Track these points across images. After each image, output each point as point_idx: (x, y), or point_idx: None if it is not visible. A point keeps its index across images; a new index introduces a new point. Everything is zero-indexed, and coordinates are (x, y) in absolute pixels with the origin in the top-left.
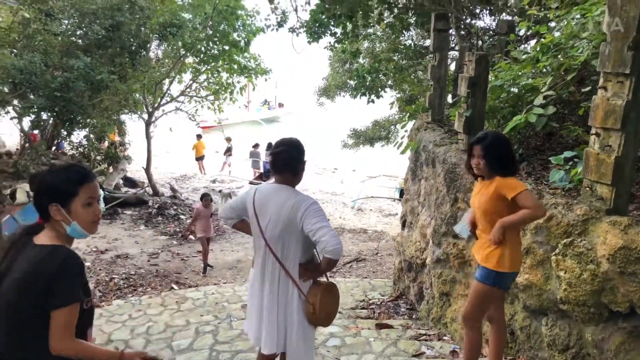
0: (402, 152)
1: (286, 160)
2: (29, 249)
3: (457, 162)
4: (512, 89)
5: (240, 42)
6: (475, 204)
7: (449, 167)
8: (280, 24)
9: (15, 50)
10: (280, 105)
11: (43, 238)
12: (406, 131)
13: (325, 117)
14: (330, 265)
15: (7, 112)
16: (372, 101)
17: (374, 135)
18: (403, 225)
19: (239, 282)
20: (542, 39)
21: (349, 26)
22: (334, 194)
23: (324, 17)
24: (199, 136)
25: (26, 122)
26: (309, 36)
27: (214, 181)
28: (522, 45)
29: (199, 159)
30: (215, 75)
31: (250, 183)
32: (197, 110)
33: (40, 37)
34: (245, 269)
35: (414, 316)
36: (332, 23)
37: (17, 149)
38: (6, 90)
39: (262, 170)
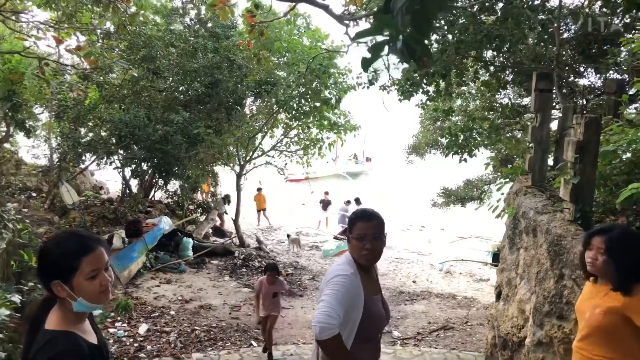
0: (498, 216)
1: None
2: (40, 334)
3: (562, 233)
4: (626, 155)
5: (331, 99)
6: (586, 312)
7: (553, 238)
8: (371, 82)
9: (123, 106)
10: (368, 159)
11: (52, 319)
12: (502, 194)
13: (414, 174)
14: (320, 346)
15: (113, 162)
16: (465, 160)
17: (465, 194)
18: (498, 296)
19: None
20: None
21: (442, 84)
22: (421, 253)
23: (416, 75)
24: (259, 189)
25: (127, 171)
26: (400, 94)
27: (298, 234)
28: (634, 106)
29: (261, 211)
30: (305, 131)
31: (335, 238)
32: (286, 164)
33: (146, 93)
34: None
35: None
36: (425, 81)
37: (117, 196)
38: (113, 141)
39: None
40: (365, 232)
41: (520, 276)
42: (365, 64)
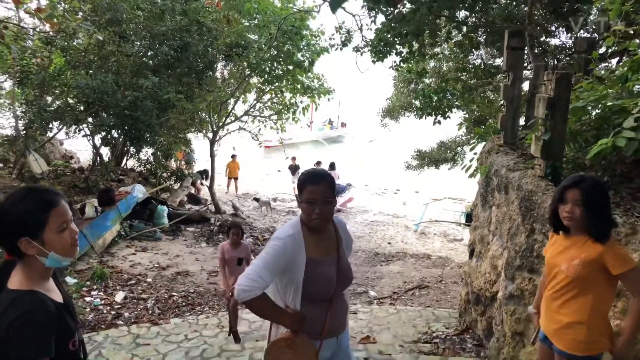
0: (471, 176)
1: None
2: (2, 294)
3: (533, 189)
4: (596, 111)
5: (304, 62)
6: (560, 265)
7: (524, 194)
8: (344, 44)
9: (90, 71)
10: (343, 125)
11: (14, 279)
12: (475, 154)
13: (388, 137)
14: (247, 307)
15: (81, 130)
16: (439, 122)
17: (439, 156)
18: (471, 254)
19: None
20: (631, 57)
21: (415, 45)
22: (396, 216)
23: (389, 36)
24: (233, 156)
25: (97, 139)
26: (373, 55)
27: (274, 199)
28: (604, 64)
29: (233, 179)
30: (278, 95)
31: None
32: (260, 129)
33: (113, 58)
34: None
35: (482, 354)
36: (398, 42)
37: (88, 165)
38: (81, 108)
39: None
40: (314, 196)
41: (492, 233)
42: (334, 4)
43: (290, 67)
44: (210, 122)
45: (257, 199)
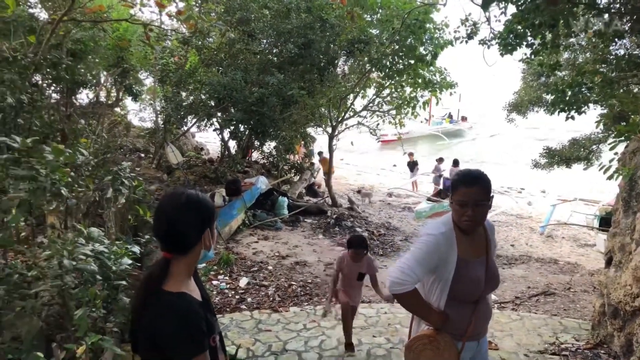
0: (611, 178)
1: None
2: (158, 297)
3: None
4: None
5: (426, 55)
6: None
7: None
8: (470, 36)
9: (221, 69)
10: (464, 119)
11: (172, 281)
12: (616, 154)
13: (514, 133)
14: (396, 300)
15: (212, 124)
16: (572, 118)
17: (571, 155)
18: (608, 262)
19: None
20: None
21: (549, 36)
22: (520, 216)
23: (520, 27)
24: (320, 153)
25: (226, 133)
26: (501, 48)
27: (390, 195)
28: None
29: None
30: (398, 90)
31: (428, 200)
32: (378, 124)
33: (242, 56)
34: None
35: None
36: (530, 33)
37: (217, 157)
38: (212, 104)
39: (441, 187)
40: (467, 198)
41: (636, 242)
42: (486, 2)
43: (412, 61)
44: (329, 117)
45: (359, 191)
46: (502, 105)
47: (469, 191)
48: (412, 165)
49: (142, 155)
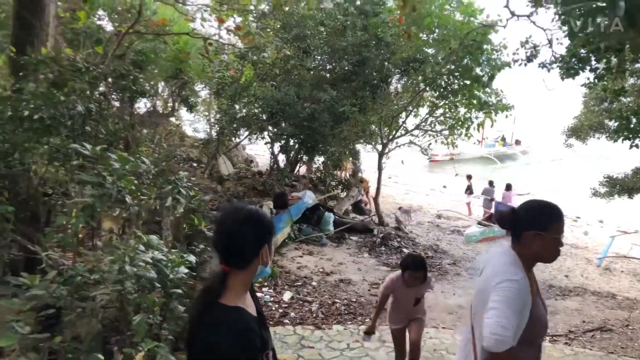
0: None
1: (509, 222)
2: (215, 310)
3: None
4: None
5: (483, 77)
6: None
7: None
8: (529, 59)
9: (275, 83)
10: (518, 142)
11: (229, 294)
12: None
13: (572, 159)
14: (493, 358)
15: (263, 137)
16: (637, 146)
17: (634, 185)
18: None
19: (459, 329)
20: None
21: (614, 61)
22: (575, 246)
23: (584, 51)
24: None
25: (276, 146)
26: (563, 72)
27: (439, 216)
28: None
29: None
30: (452, 110)
31: (479, 224)
32: (430, 144)
33: (296, 72)
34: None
35: None
36: (594, 58)
37: (266, 170)
38: (264, 117)
39: (493, 211)
40: (562, 231)
41: None
42: (577, 30)
43: (468, 82)
44: (380, 134)
45: (400, 207)
46: (561, 130)
47: (563, 224)
48: (470, 188)
49: (195, 164)
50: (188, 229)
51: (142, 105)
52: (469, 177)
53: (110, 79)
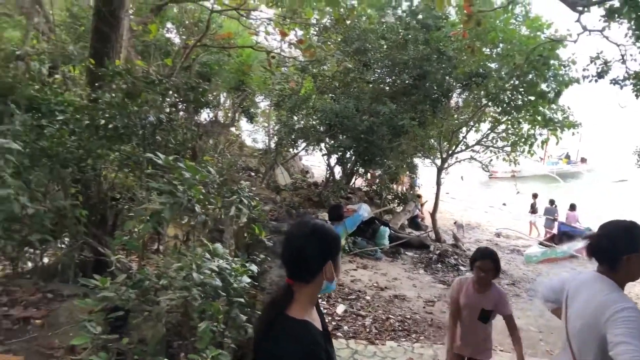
0: None
1: (605, 249)
2: (282, 320)
3: None
4: None
5: (549, 93)
6: None
7: None
8: (600, 75)
9: (333, 96)
10: (583, 160)
11: (293, 306)
12: None
13: (634, 179)
14: None
15: (320, 149)
16: None
17: None
18: None
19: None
20: None
21: None
22: None
23: None
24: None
25: (332, 158)
26: (637, 89)
27: (498, 235)
28: None
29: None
30: (515, 126)
31: (540, 244)
32: (491, 160)
33: (355, 85)
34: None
35: None
36: None
37: (322, 181)
38: (322, 129)
39: (555, 232)
40: None
41: None
42: None
43: (532, 98)
44: (439, 149)
45: (455, 222)
46: (632, 149)
47: None
48: (535, 207)
49: (252, 174)
50: (249, 238)
51: (204, 116)
52: (535, 196)
53: (181, 91)
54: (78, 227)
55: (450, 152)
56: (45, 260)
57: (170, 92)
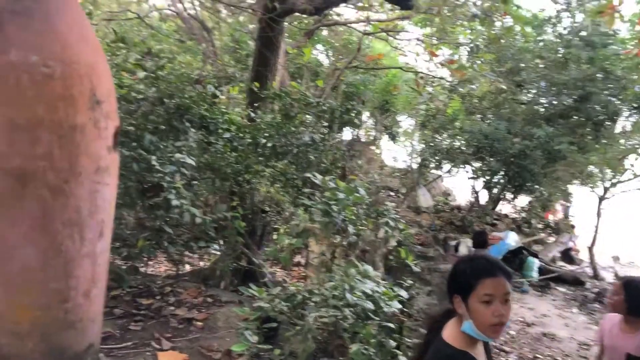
0: None
1: None
2: (437, 342)
3: None
4: None
5: None
6: None
7: None
8: None
9: (482, 117)
10: None
11: (449, 331)
12: None
13: None
14: None
15: (466, 171)
16: None
17: None
18: None
19: None
20: None
21: None
22: None
23: None
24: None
25: (478, 181)
26: None
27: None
28: None
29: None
30: None
31: None
32: None
33: (507, 106)
34: None
35: None
36: None
37: (466, 205)
38: (469, 151)
39: None
40: None
41: None
42: None
43: None
44: (602, 177)
45: (613, 256)
46: None
47: None
48: None
49: (392, 194)
50: (394, 262)
51: (347, 134)
52: None
53: (336, 112)
54: (237, 237)
55: (614, 181)
56: (201, 264)
57: (327, 115)
